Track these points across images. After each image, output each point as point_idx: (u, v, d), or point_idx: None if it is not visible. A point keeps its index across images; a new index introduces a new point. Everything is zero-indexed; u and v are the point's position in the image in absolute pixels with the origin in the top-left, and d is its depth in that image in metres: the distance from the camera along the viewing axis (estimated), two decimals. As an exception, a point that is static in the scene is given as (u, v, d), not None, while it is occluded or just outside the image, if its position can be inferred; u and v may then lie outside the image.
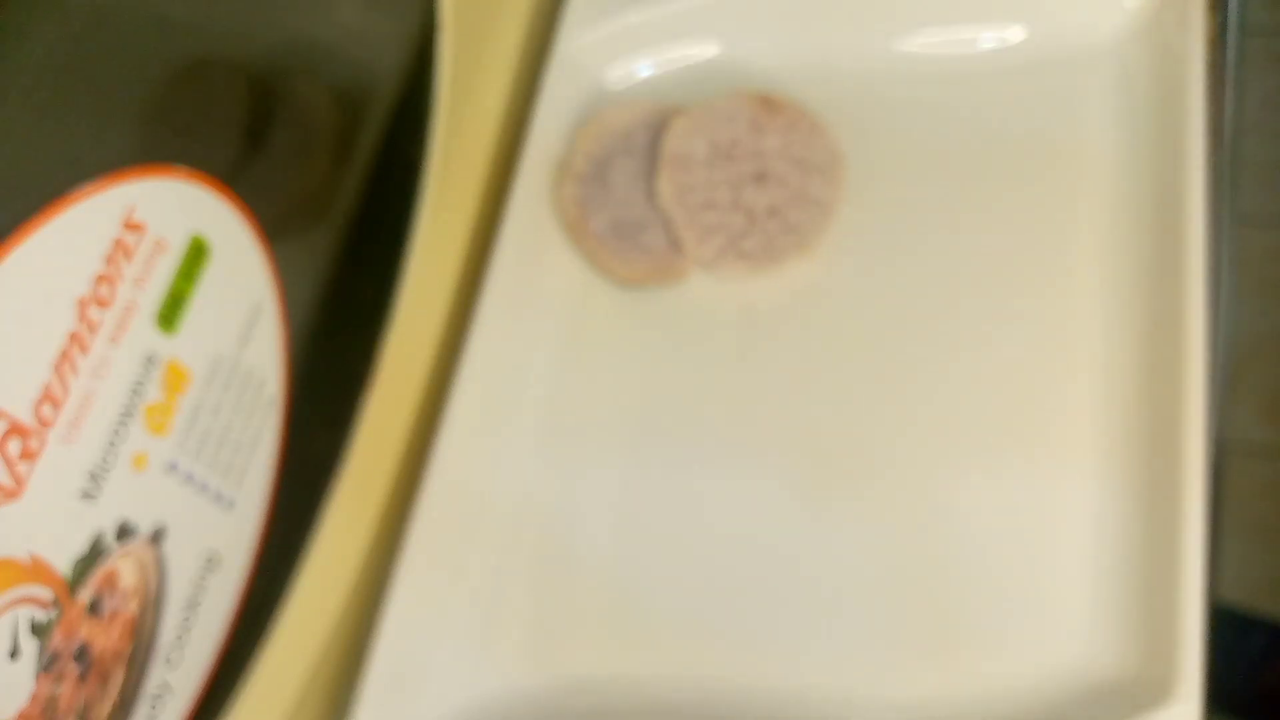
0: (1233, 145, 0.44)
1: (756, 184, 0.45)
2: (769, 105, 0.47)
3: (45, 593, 0.27)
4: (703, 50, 0.51)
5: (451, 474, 0.42)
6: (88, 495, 0.28)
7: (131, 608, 0.30)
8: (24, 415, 0.26)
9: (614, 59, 0.51)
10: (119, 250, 0.28)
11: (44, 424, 0.26)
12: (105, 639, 0.29)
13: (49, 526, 0.27)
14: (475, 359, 0.44)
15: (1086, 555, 0.37)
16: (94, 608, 0.28)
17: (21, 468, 0.26)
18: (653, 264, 0.46)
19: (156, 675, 0.31)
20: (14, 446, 0.26)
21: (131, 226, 0.29)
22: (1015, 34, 0.47)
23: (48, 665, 0.27)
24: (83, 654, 0.28)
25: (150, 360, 0.30)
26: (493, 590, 0.42)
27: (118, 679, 0.29)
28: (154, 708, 0.31)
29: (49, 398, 0.27)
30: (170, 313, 0.30)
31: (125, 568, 0.29)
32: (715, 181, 0.46)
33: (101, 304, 0.28)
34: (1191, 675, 0.33)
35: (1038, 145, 0.45)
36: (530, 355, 0.45)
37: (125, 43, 0.28)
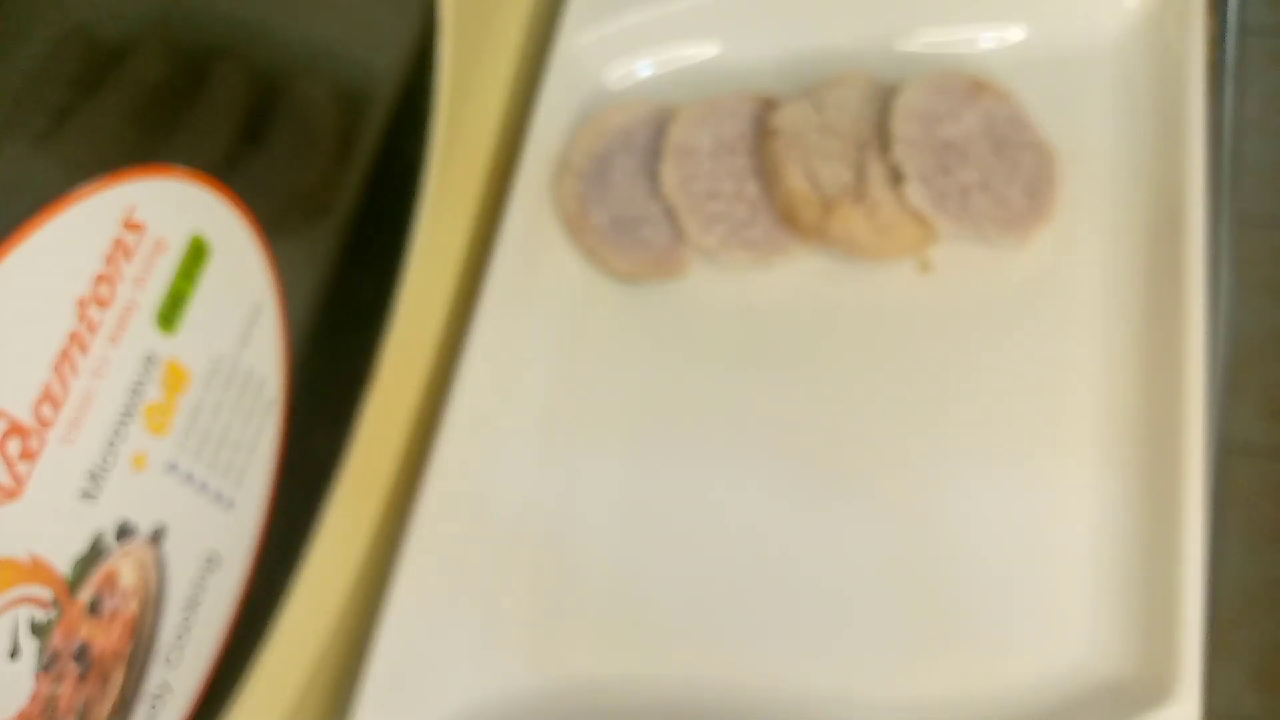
0: (1233, 145, 0.44)
1: (760, 177, 0.45)
2: (772, 105, 0.47)
3: (45, 592, 0.27)
4: (703, 50, 0.51)
5: (451, 473, 0.42)
6: (88, 495, 0.28)
7: (131, 607, 0.30)
8: (24, 415, 0.26)
9: (614, 59, 0.51)
10: (119, 250, 0.28)
11: (44, 424, 0.26)
12: (105, 639, 0.29)
13: (49, 526, 0.27)
14: (475, 358, 0.44)
15: (1087, 555, 0.37)
16: (94, 607, 0.28)
17: (21, 468, 0.26)
18: (652, 258, 0.46)
19: (156, 675, 0.31)
20: (14, 446, 0.26)
21: (131, 226, 0.29)
22: (1015, 34, 0.47)
23: (48, 665, 0.27)
24: (83, 654, 0.28)
25: (150, 360, 0.30)
26: (493, 590, 0.41)
27: (118, 679, 0.29)
28: (154, 707, 0.31)
29: (49, 398, 0.27)
30: (170, 313, 0.31)
31: (125, 567, 0.29)
32: (719, 173, 0.46)
33: (101, 304, 0.28)
34: (1191, 675, 0.33)
35: (1038, 145, 0.45)
36: (530, 353, 0.45)
37: (125, 42, 0.28)
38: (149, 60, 0.29)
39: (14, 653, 0.26)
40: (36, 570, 0.26)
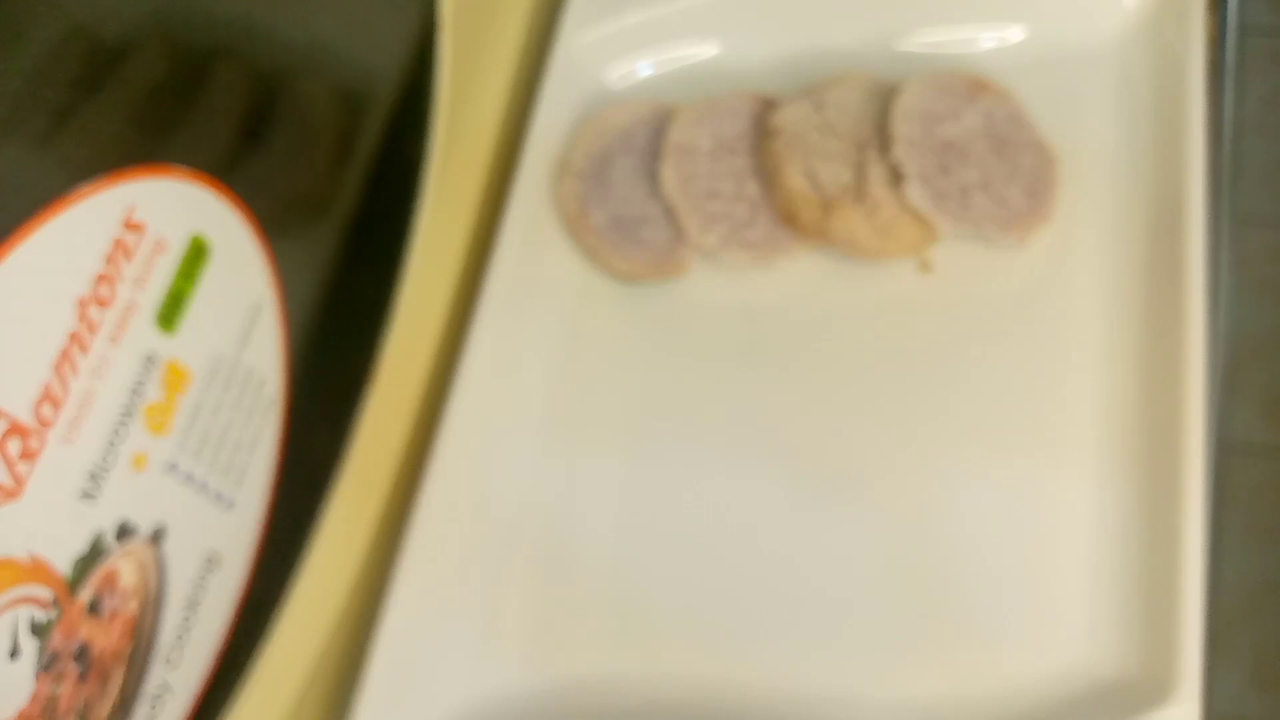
0: (1233, 145, 0.44)
1: (760, 177, 0.45)
2: (772, 105, 0.47)
3: (45, 593, 0.27)
4: (703, 50, 0.51)
5: (451, 474, 0.42)
6: (88, 495, 0.28)
7: (131, 608, 0.30)
8: (24, 415, 0.26)
9: (614, 59, 0.51)
10: (119, 250, 0.28)
11: (44, 424, 0.26)
12: (105, 639, 0.29)
13: (49, 526, 0.27)
14: (475, 358, 0.44)
15: (1087, 555, 0.37)
16: (94, 607, 0.28)
17: (21, 468, 0.26)
18: (652, 258, 0.46)
19: (156, 675, 0.31)
20: (14, 446, 0.26)
21: (131, 226, 0.29)
22: (1015, 34, 0.47)
23: (48, 665, 0.27)
24: (83, 654, 0.28)
25: (150, 360, 0.30)
26: (493, 590, 0.42)
27: (118, 679, 0.29)
28: (154, 707, 0.31)
29: (49, 398, 0.27)
30: (170, 312, 0.31)
31: (125, 568, 0.29)
32: (719, 173, 0.46)
33: (101, 304, 0.28)
34: (1191, 675, 0.33)
35: (1038, 145, 0.45)
36: (530, 353, 0.45)
37: (125, 42, 0.28)
38: (149, 60, 0.29)
39: (14, 653, 0.26)
40: (36, 570, 0.26)
